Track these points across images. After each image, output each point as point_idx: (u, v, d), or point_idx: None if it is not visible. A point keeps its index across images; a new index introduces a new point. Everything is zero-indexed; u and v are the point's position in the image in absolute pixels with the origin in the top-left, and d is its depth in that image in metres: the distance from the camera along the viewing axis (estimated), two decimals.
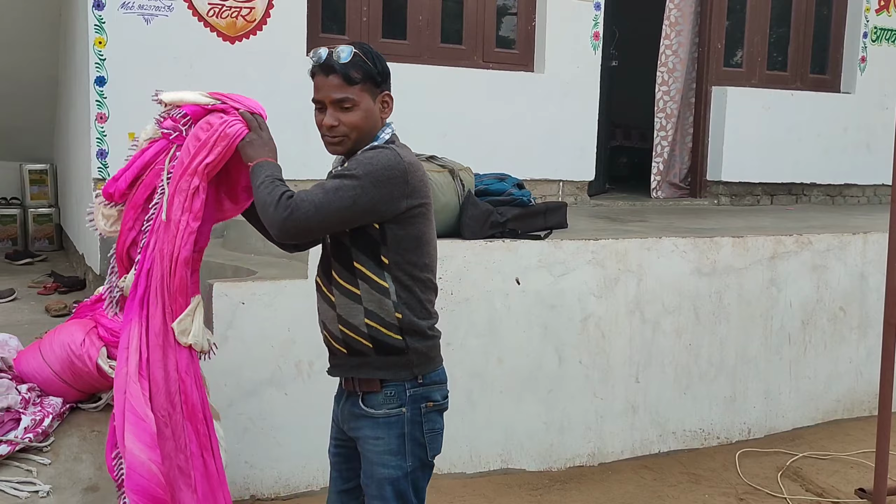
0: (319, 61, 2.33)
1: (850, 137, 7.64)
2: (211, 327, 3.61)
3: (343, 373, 2.44)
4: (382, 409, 2.34)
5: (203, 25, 5.25)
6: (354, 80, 2.31)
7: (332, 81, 2.31)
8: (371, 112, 2.35)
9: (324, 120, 2.35)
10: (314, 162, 5.62)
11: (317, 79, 2.35)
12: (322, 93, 2.34)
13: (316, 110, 2.38)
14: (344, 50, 2.31)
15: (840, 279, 5.15)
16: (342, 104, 2.32)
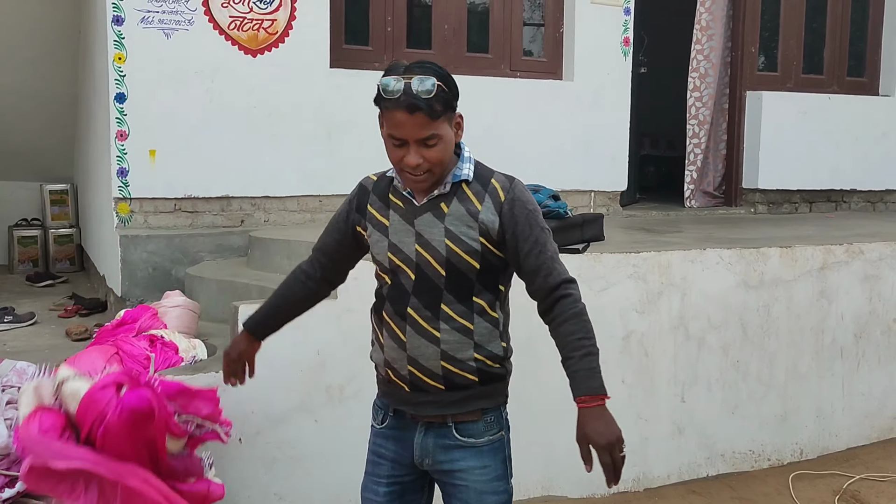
0: (399, 95, 2.05)
1: (889, 142, 7.37)
2: None
3: (436, 410, 2.24)
4: (485, 437, 2.26)
5: (224, 39, 5.10)
6: (438, 114, 2.09)
7: (416, 120, 2.06)
8: (450, 140, 2.16)
9: (406, 158, 2.10)
10: (340, 177, 5.49)
11: (397, 115, 2.07)
12: (404, 131, 2.08)
13: (393, 146, 2.13)
14: (424, 81, 2.06)
15: (893, 290, 4.90)
16: (427, 142, 2.10)
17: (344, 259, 2.45)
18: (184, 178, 5.09)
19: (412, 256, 2.19)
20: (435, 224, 2.17)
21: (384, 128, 2.14)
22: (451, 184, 2.18)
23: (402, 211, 2.22)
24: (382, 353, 2.29)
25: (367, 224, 2.27)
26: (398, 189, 2.24)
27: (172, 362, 3.45)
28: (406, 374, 2.23)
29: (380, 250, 2.23)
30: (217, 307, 4.35)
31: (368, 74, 5.52)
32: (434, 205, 2.19)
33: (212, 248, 5.06)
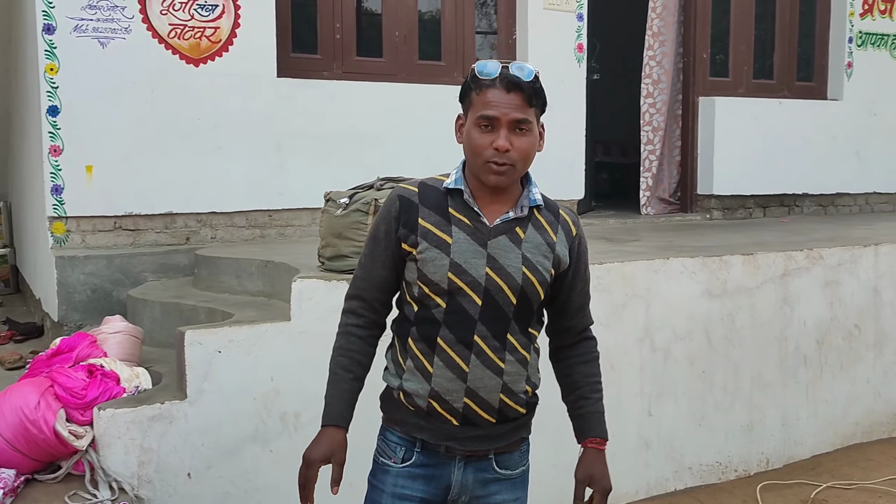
0: (497, 74, 1.96)
1: (839, 145, 7.42)
2: (184, 380, 3.22)
3: (484, 444, 2.09)
4: (519, 468, 2.17)
5: (164, 48, 4.87)
6: (533, 103, 1.99)
7: (513, 99, 1.95)
8: (536, 142, 2.04)
9: (497, 141, 1.95)
10: (290, 190, 5.29)
11: (490, 93, 1.96)
12: (499, 109, 1.95)
13: (481, 130, 1.97)
14: (523, 67, 1.99)
15: (854, 295, 4.87)
16: (519, 126, 1.97)
17: (395, 288, 2.16)
18: (124, 194, 4.83)
19: (480, 280, 2.00)
20: (512, 249, 2.03)
21: (472, 113, 1.99)
22: (529, 207, 2.07)
23: (469, 229, 2.02)
24: (429, 383, 2.04)
25: (418, 240, 2.02)
26: (465, 202, 2.04)
27: (113, 394, 3.21)
28: (460, 407, 2.04)
29: (437, 269, 2.00)
30: (162, 331, 4.12)
31: (318, 83, 5.36)
32: (509, 228, 2.04)
33: (155, 267, 4.81)
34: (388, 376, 2.15)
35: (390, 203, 2.08)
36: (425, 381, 2.04)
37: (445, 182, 2.06)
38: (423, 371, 2.04)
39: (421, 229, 2.02)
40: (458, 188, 2.04)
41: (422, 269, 2.01)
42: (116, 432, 3.08)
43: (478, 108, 1.97)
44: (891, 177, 7.77)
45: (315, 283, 3.43)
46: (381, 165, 5.17)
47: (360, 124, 5.40)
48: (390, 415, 2.15)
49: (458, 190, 2.04)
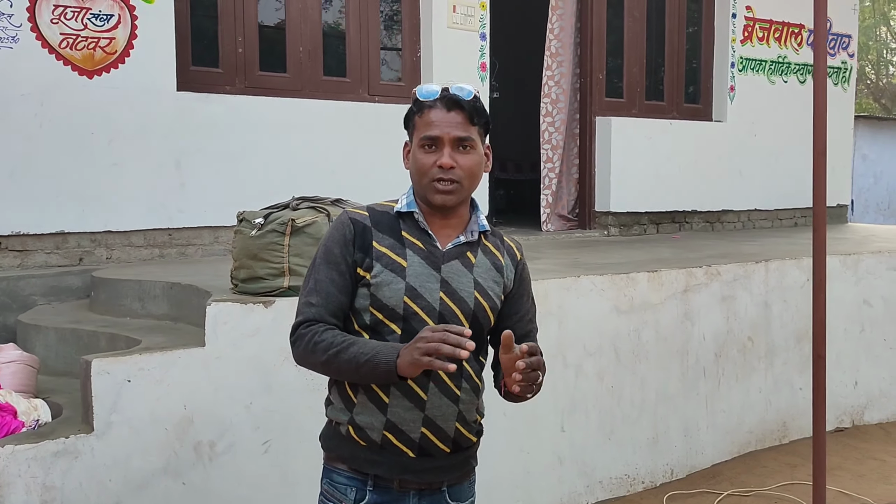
0: (437, 95, 1.98)
1: (724, 165, 7.79)
2: (90, 412, 3.03)
3: (438, 476, 2.04)
4: (468, 500, 2.13)
5: (55, 58, 4.63)
6: (475, 122, 1.99)
7: (454, 118, 1.96)
8: (482, 162, 2.04)
9: (440, 159, 1.95)
10: (191, 207, 5.10)
11: (432, 113, 1.97)
12: (441, 129, 1.96)
13: (425, 151, 1.98)
14: (463, 87, 2.01)
15: (747, 309, 5.10)
16: (462, 143, 1.97)
17: (347, 316, 2.04)
18: (10, 213, 4.56)
19: (435, 305, 1.96)
20: (464, 274, 2.01)
21: (416, 135, 2.00)
22: (479, 232, 2.06)
23: (423, 253, 1.99)
24: (384, 414, 1.96)
25: (373, 264, 1.97)
26: (417, 226, 2.01)
27: (11, 428, 2.99)
28: (417, 438, 1.97)
29: (392, 294, 1.95)
30: (58, 359, 3.88)
31: (219, 98, 5.21)
32: (461, 252, 2.03)
33: (45, 290, 4.54)
34: (334, 412, 2.05)
35: (342, 226, 2.02)
36: (380, 413, 1.97)
37: (396, 206, 2.04)
38: (378, 402, 1.97)
39: (375, 252, 1.98)
40: (411, 211, 2.02)
41: (375, 294, 1.96)
42: (16, 470, 2.86)
43: (421, 130, 1.98)
44: (770, 194, 8.21)
45: (230, 306, 3.30)
46: (286, 183, 5.10)
47: (263, 140, 5.28)
48: (336, 452, 2.05)
49: (410, 213, 2.02)
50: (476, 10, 6.19)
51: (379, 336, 1.97)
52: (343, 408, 2.02)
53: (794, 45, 8.27)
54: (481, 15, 6.24)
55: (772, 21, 8.05)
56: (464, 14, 6.12)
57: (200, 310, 3.69)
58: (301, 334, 1.96)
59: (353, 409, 1.99)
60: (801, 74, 8.35)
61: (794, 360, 5.36)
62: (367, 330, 1.98)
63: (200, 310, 3.69)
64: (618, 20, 7.34)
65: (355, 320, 2.01)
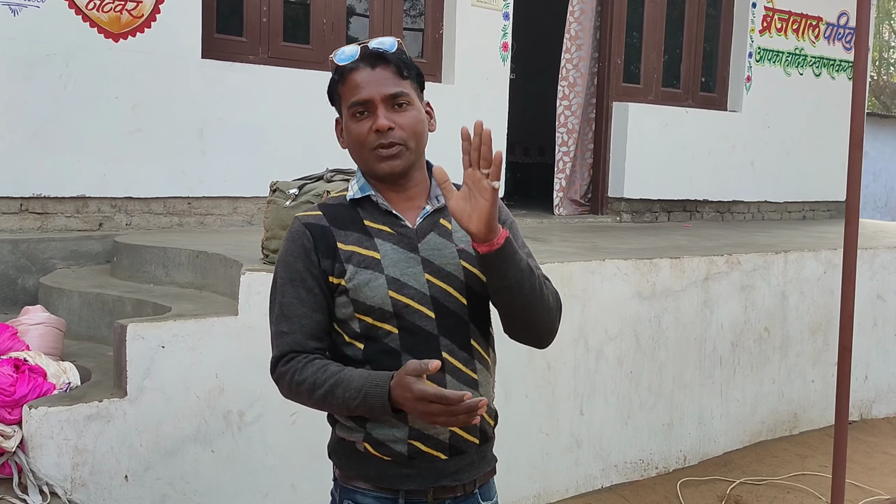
0: (357, 54, 1.76)
1: (737, 155, 7.77)
2: (124, 377, 3.01)
3: (472, 473, 1.84)
4: (495, 497, 1.94)
5: (81, 19, 4.56)
6: (405, 75, 1.78)
7: (380, 74, 1.75)
8: (423, 117, 1.81)
9: (375, 124, 1.73)
10: (211, 177, 5.06)
11: (356, 74, 1.75)
12: (369, 89, 1.74)
13: (354, 120, 1.76)
14: (383, 41, 1.79)
15: (765, 299, 5.10)
16: (397, 100, 1.75)
17: (330, 333, 1.82)
18: (32, 174, 4.51)
19: (424, 290, 1.76)
20: (444, 245, 1.80)
21: (344, 106, 1.78)
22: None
23: (394, 237, 1.78)
24: (406, 423, 1.75)
25: (344, 267, 1.75)
26: (379, 208, 1.80)
27: (43, 390, 2.96)
28: (446, 438, 1.77)
29: (375, 292, 1.74)
30: (82, 323, 3.86)
31: (243, 67, 5.16)
32: (433, 223, 1.82)
33: (65, 254, 4.50)
34: (344, 430, 1.82)
35: (297, 236, 1.78)
36: (400, 422, 1.74)
37: (348, 195, 1.83)
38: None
39: (343, 254, 1.75)
40: (366, 195, 1.81)
41: (357, 299, 1.74)
42: (49, 432, 2.85)
43: (348, 97, 1.76)
44: (780, 186, 8.20)
45: (264, 276, 3.27)
46: (306, 155, 5.07)
47: (285, 112, 5.23)
48: (357, 471, 1.82)
49: (366, 198, 1.81)
50: None
51: (376, 342, 1.76)
52: (354, 425, 1.79)
53: (811, 37, 8.24)
54: None
55: (791, 12, 8.01)
56: None
57: (228, 279, 3.68)
58: (281, 372, 1.76)
59: (367, 425, 1.77)
60: (817, 67, 8.33)
61: (808, 352, 5.38)
62: (361, 339, 1.77)
63: (228, 279, 3.68)
64: (638, 5, 7.29)
65: (344, 332, 1.79)
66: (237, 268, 3.46)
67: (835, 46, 8.47)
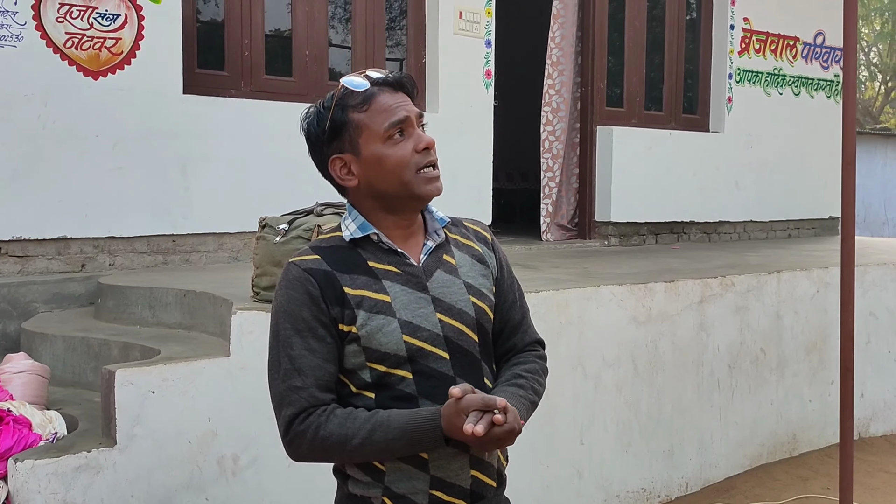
0: (375, 77, 1.73)
1: (721, 176, 7.79)
2: (112, 424, 2.90)
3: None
4: None
5: (60, 58, 4.49)
6: (414, 99, 1.78)
7: (402, 97, 1.74)
8: None
9: (419, 142, 1.70)
10: (195, 214, 4.97)
11: (382, 97, 1.70)
12: (402, 109, 1.70)
13: (390, 143, 1.69)
14: (381, 71, 1.78)
15: (759, 320, 5.06)
16: (421, 121, 1.75)
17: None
18: (11, 216, 4.40)
19: (437, 331, 1.69)
20: (452, 282, 1.75)
21: (368, 132, 1.69)
22: (441, 229, 1.81)
23: (402, 277, 1.71)
24: (427, 472, 1.67)
25: (355, 313, 1.65)
26: (382, 247, 1.73)
27: (29, 442, 2.85)
28: (468, 484, 1.70)
29: (388, 338, 1.65)
30: (66, 368, 3.74)
31: (225, 101, 5.09)
32: (438, 259, 1.77)
33: (47, 297, 4.39)
34: (358, 487, 1.71)
35: (300, 282, 1.67)
36: (421, 472, 1.67)
37: (345, 234, 1.74)
38: (416, 461, 1.66)
39: (352, 299, 1.66)
40: (367, 235, 1.72)
41: (369, 346, 1.65)
42: (36, 486, 2.73)
43: (377, 121, 1.68)
44: (765, 206, 8.22)
45: (256, 315, 3.19)
46: (290, 189, 4.99)
47: (269, 145, 5.16)
48: None
49: (366, 237, 1.73)
50: (482, 17, 6.13)
51: (388, 390, 1.67)
52: (370, 481, 1.70)
53: (788, 57, 8.31)
54: (487, 21, 6.18)
55: (768, 33, 8.08)
56: (470, 20, 6.06)
57: (217, 318, 3.59)
58: (299, 432, 1.63)
59: (385, 479, 1.68)
60: (796, 87, 8.40)
61: (804, 372, 5.34)
62: (371, 388, 1.68)
63: (217, 318, 3.59)
64: (619, 29, 7.31)
65: (351, 383, 1.70)
66: (227, 307, 3.38)
67: (812, 66, 8.54)
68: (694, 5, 7.93)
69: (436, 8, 5.95)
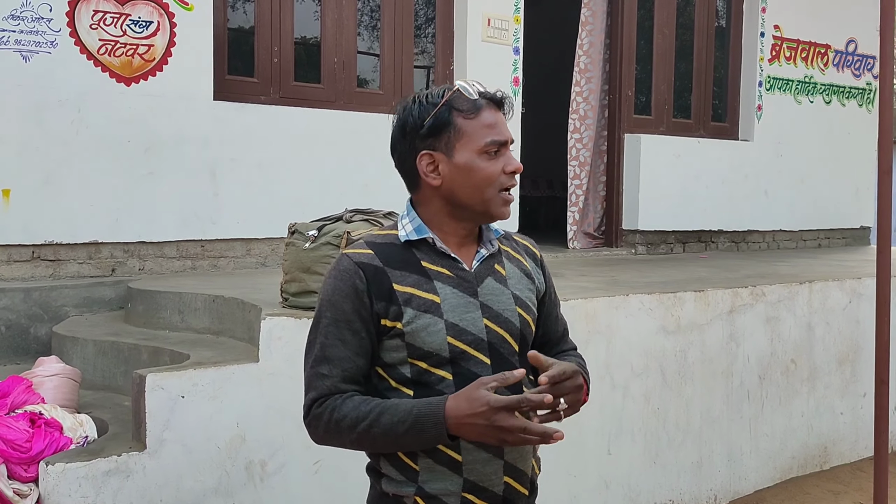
0: (484, 92, 1.74)
1: (750, 184, 7.71)
2: (143, 429, 2.92)
3: None
4: None
5: (94, 64, 4.54)
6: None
7: (502, 118, 1.77)
8: None
9: (509, 165, 1.74)
10: (224, 219, 5.00)
11: (490, 113, 1.73)
12: (503, 130, 1.74)
13: (485, 157, 1.72)
14: (484, 84, 1.79)
15: (791, 330, 4.99)
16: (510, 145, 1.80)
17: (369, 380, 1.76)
18: (44, 221, 4.45)
19: (482, 335, 1.71)
20: (501, 291, 1.78)
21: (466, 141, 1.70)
22: (496, 240, 1.85)
23: (454, 281, 1.73)
24: (460, 475, 1.68)
25: (402, 310, 1.67)
26: (437, 251, 1.75)
27: (60, 445, 2.87)
28: (501, 490, 1.72)
29: (434, 337, 1.67)
30: (96, 372, 3.77)
31: (255, 108, 5.12)
32: (489, 267, 1.79)
33: (78, 301, 4.43)
34: (392, 485, 1.73)
35: (349, 275, 1.69)
36: (455, 474, 1.68)
37: (401, 234, 1.76)
38: (450, 463, 1.67)
39: (400, 296, 1.68)
40: (423, 238, 1.75)
41: (413, 343, 1.68)
42: (66, 490, 2.75)
43: (480, 134, 1.71)
44: (795, 215, 8.13)
45: (285, 320, 3.19)
46: (318, 195, 5.05)
47: (297, 151, 5.19)
48: None
49: (422, 240, 1.75)
50: (510, 24, 6.13)
51: (428, 388, 1.68)
52: (404, 479, 1.71)
53: (820, 65, 8.22)
54: (515, 29, 6.18)
55: (799, 41, 8.00)
56: (498, 28, 6.05)
57: (246, 324, 3.60)
58: (317, 414, 1.67)
59: (419, 478, 1.69)
60: (827, 95, 8.30)
61: (836, 384, 5.26)
62: (409, 384, 1.70)
63: (246, 324, 3.60)
64: (647, 37, 7.28)
65: (390, 377, 1.72)
66: (255, 312, 3.39)
67: (844, 73, 8.45)
68: (723, 13, 7.87)
69: (464, 15, 5.95)
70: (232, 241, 5.02)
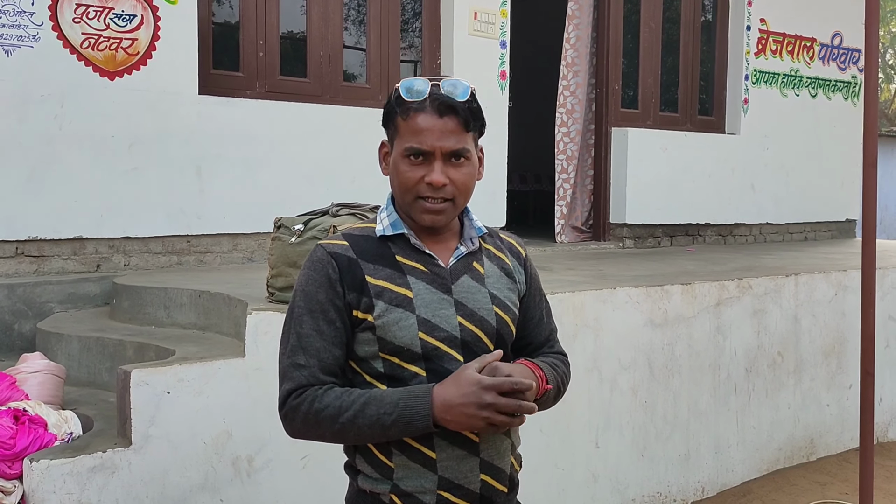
0: (426, 96, 1.66)
1: (737, 178, 7.73)
2: (128, 425, 2.90)
3: None
4: None
5: (76, 58, 4.49)
6: (471, 127, 1.70)
7: (446, 124, 1.65)
8: (475, 173, 1.75)
9: (430, 175, 1.65)
10: (210, 214, 4.97)
11: (420, 118, 1.65)
12: (431, 140, 1.64)
13: (410, 163, 1.67)
14: (457, 84, 1.68)
15: (777, 323, 5.01)
16: (457, 156, 1.67)
17: (345, 371, 1.73)
18: (27, 217, 4.41)
19: (455, 333, 1.68)
20: (477, 290, 1.74)
21: (398, 142, 1.68)
22: (477, 238, 1.80)
23: (427, 276, 1.71)
24: (434, 472, 1.66)
25: (373, 302, 1.65)
26: (412, 246, 1.72)
27: (44, 442, 2.85)
28: (477, 488, 1.69)
29: (405, 332, 1.65)
30: (81, 368, 3.74)
31: (240, 102, 5.09)
32: (467, 265, 1.76)
33: (62, 297, 4.39)
34: (367, 482, 1.70)
35: (321, 264, 1.68)
36: (429, 472, 1.66)
37: (377, 228, 1.74)
38: (424, 460, 1.65)
39: (372, 288, 1.67)
40: (399, 233, 1.73)
41: (384, 337, 1.65)
42: (51, 486, 2.73)
43: (406, 138, 1.66)
44: (781, 208, 8.16)
45: (272, 315, 3.18)
46: (305, 190, 5.02)
47: (283, 146, 5.16)
48: None
49: (399, 235, 1.73)
50: (497, 18, 6.11)
51: (401, 384, 1.66)
52: (379, 477, 1.69)
53: (805, 58, 8.24)
54: (502, 22, 6.16)
55: (785, 34, 8.02)
56: (485, 21, 6.04)
57: (232, 319, 3.58)
58: (294, 405, 1.64)
59: (394, 475, 1.67)
60: (813, 88, 8.33)
61: (822, 376, 5.29)
62: (383, 379, 1.68)
63: (232, 319, 3.58)
64: (634, 31, 7.28)
65: (362, 371, 1.70)
66: (242, 307, 3.37)
67: (829, 67, 8.48)
68: (709, 6, 7.88)
69: (450, 9, 5.94)
70: (218, 236, 5.00)
